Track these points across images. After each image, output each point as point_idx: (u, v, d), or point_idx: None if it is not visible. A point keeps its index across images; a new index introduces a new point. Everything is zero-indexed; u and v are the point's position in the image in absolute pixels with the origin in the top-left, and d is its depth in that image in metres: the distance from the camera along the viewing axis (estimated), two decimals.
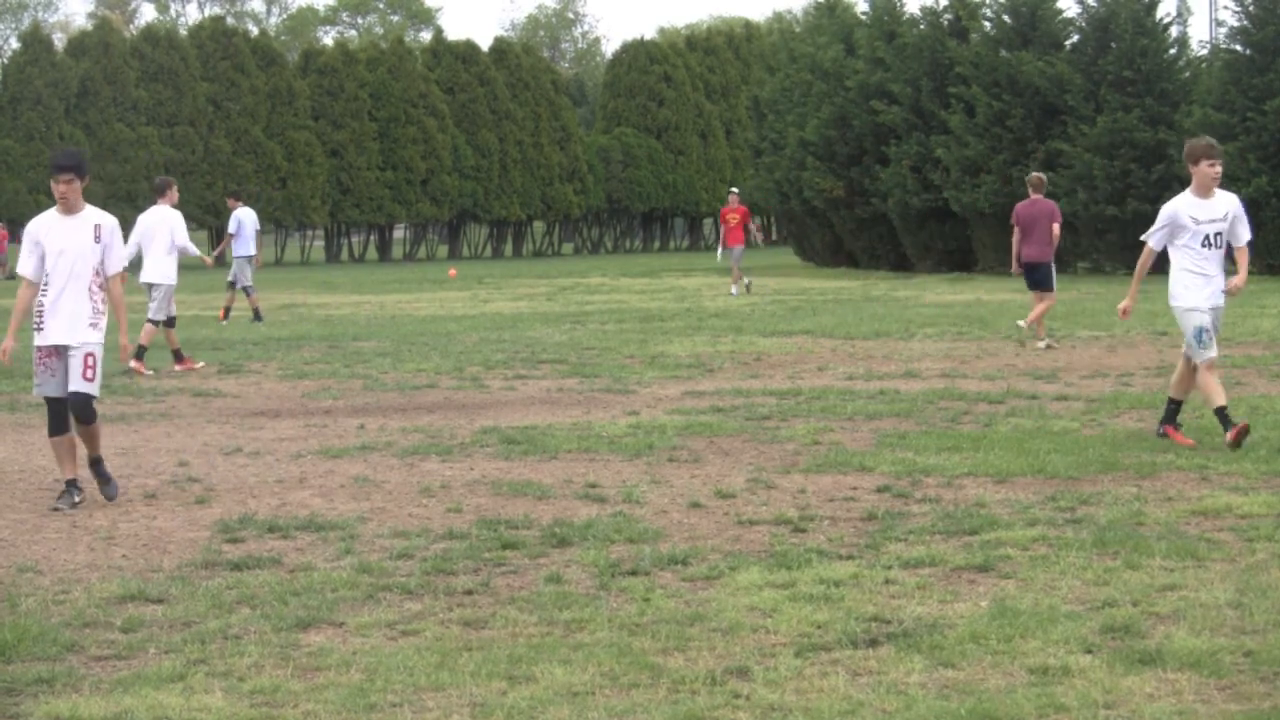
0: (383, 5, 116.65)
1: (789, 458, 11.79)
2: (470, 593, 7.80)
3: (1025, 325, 20.88)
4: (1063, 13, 43.18)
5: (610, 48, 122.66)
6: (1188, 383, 12.13)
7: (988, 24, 44.02)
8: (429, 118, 68.92)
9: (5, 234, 58.48)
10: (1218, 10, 50.22)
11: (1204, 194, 11.88)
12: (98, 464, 10.59)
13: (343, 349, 22.02)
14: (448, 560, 8.43)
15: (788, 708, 5.97)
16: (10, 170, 59.60)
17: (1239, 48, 38.48)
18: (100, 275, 10.48)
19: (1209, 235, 11.80)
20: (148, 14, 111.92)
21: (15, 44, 75.70)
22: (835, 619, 7.12)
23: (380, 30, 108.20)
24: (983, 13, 44.53)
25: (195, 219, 60.28)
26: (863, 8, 50.70)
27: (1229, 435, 11.53)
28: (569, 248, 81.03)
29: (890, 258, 47.19)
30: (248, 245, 28.12)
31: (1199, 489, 10.18)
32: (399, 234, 77.43)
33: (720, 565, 8.24)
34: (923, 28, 45.38)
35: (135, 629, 7.22)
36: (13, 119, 60.29)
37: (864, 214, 46.76)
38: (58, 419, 10.43)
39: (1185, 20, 74.28)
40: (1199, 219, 11.81)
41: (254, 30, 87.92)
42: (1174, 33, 41.98)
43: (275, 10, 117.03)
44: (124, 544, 9.13)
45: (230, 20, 79.09)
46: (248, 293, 27.95)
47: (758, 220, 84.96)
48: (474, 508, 9.99)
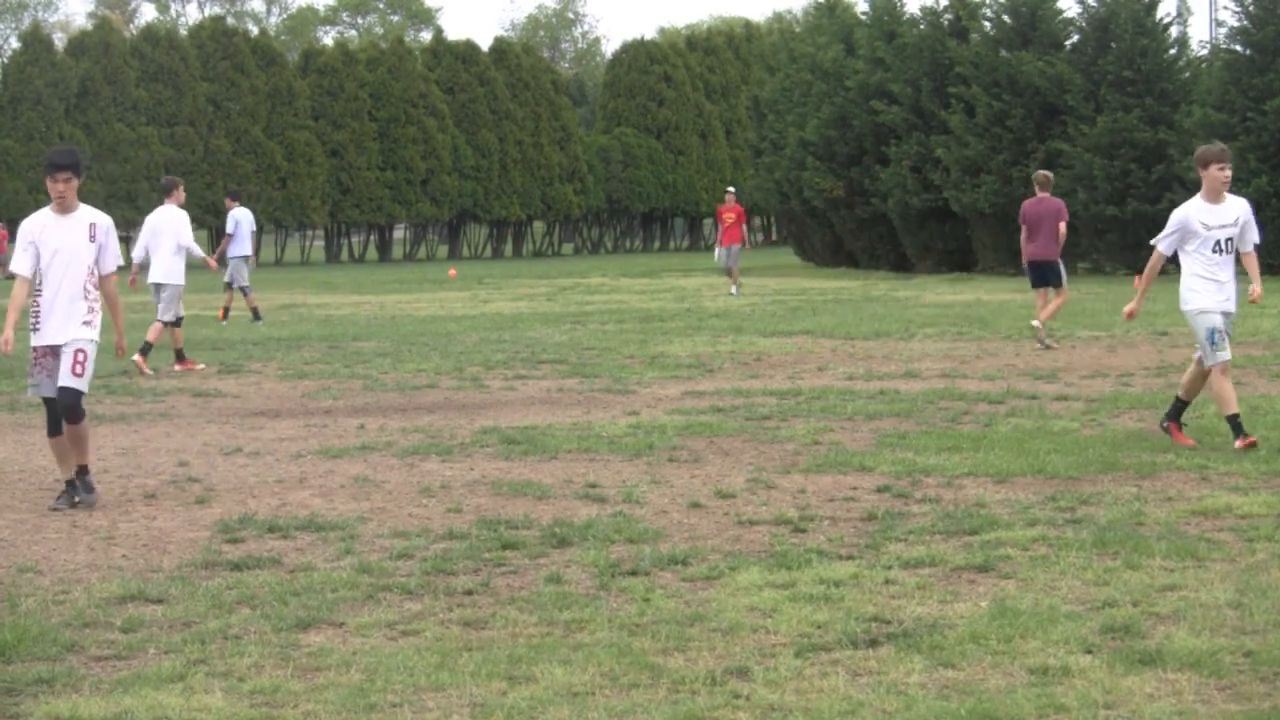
0: (383, 5, 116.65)
1: (789, 458, 11.79)
2: (470, 593, 7.80)
3: (1040, 325, 20.64)
4: (1063, 13, 43.17)
5: (610, 48, 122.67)
6: (1198, 385, 12.05)
7: (988, 24, 44.00)
8: (429, 118, 68.90)
9: (5, 234, 58.48)
10: (1218, 10, 50.22)
11: (1214, 199, 11.82)
12: (83, 473, 10.39)
13: (343, 349, 22.02)
14: (448, 560, 8.43)
15: (788, 708, 5.97)
16: (10, 170, 59.59)
17: (1239, 48, 38.47)
18: (95, 274, 10.47)
19: (1220, 241, 11.73)
20: (148, 14, 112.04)
21: (15, 44, 75.70)
22: (835, 619, 7.12)
23: (380, 30, 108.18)
24: (983, 13, 44.51)
25: (196, 219, 60.01)
26: (863, 8, 50.71)
27: (1239, 443, 11.50)
28: (569, 248, 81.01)
29: (890, 258, 47.17)
30: (244, 245, 28.13)
31: (1199, 489, 10.18)
32: (399, 234, 77.40)
33: (720, 565, 8.24)
34: (923, 28, 45.37)
35: (135, 629, 7.22)
36: (13, 119, 60.29)
37: (864, 214, 46.74)
38: (56, 419, 10.40)
39: (1185, 20, 74.33)
40: (1210, 224, 11.73)
41: (254, 30, 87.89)
42: (1174, 33, 41.98)
43: (275, 10, 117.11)
44: (124, 544, 9.12)
45: (230, 20, 79.07)
46: (245, 293, 27.95)
47: (757, 220, 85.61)
48: (474, 508, 9.99)
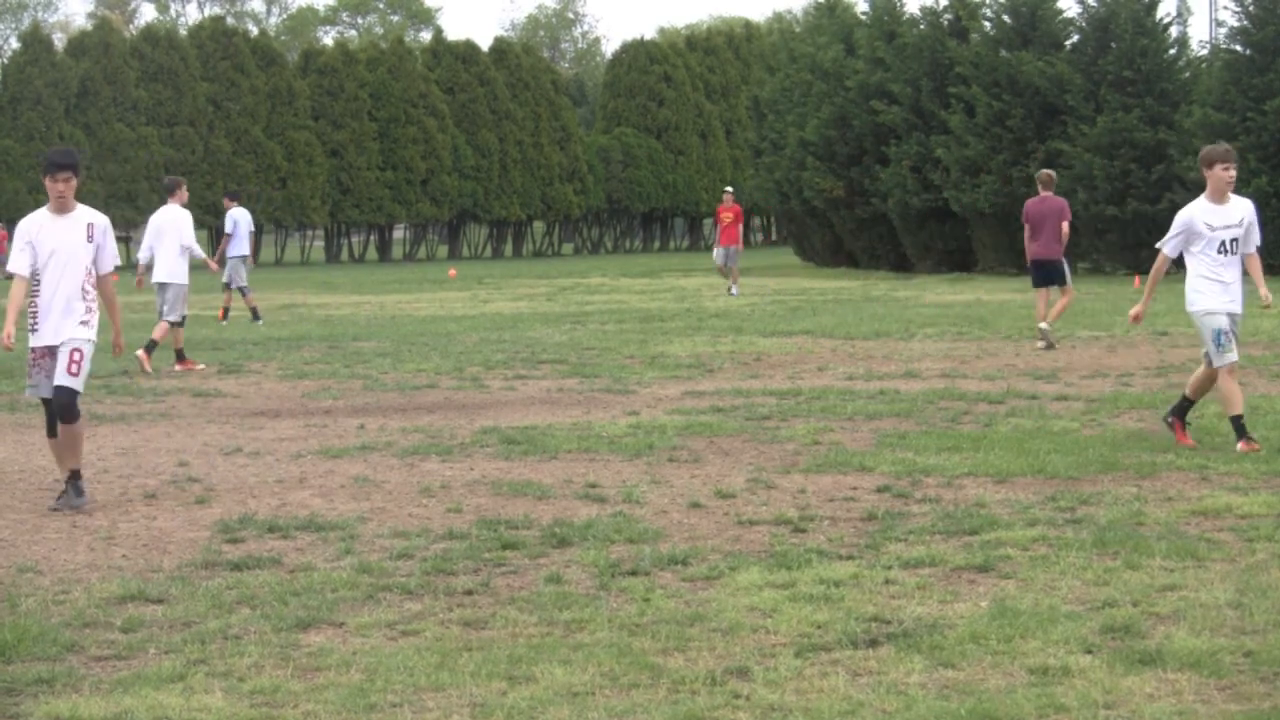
0: (383, 5, 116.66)
1: (789, 458, 11.79)
2: (470, 593, 7.80)
3: (1049, 325, 20.52)
4: (1063, 13, 43.18)
5: (610, 48, 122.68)
6: (1205, 386, 12.00)
7: (988, 24, 44.02)
8: (429, 118, 68.90)
9: (5, 234, 58.51)
10: (1218, 10, 50.18)
11: (1219, 199, 11.78)
12: (75, 478, 10.26)
13: (343, 349, 22.01)
14: (448, 560, 8.43)
15: (788, 708, 5.97)
16: (10, 170, 59.59)
17: (1239, 48, 38.47)
18: (93, 275, 10.44)
19: (1225, 241, 11.68)
20: (148, 14, 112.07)
21: (15, 44, 75.70)
22: (835, 619, 7.12)
23: (380, 30, 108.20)
24: (983, 13, 44.53)
25: (196, 219, 59.07)
26: (863, 8, 50.73)
27: (1240, 445, 11.48)
28: (569, 248, 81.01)
29: (890, 258, 47.18)
30: (242, 245, 28.16)
31: (1199, 489, 10.18)
32: (399, 234, 77.40)
33: (720, 565, 8.24)
34: (923, 28, 45.38)
35: (135, 629, 7.22)
36: (13, 119, 60.29)
37: (864, 214, 46.74)
38: (55, 420, 10.41)
39: (1185, 20, 74.37)
40: (1214, 225, 11.69)
41: (254, 30, 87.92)
42: (1174, 33, 42.01)
43: (275, 10, 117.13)
44: (124, 544, 9.12)
45: (230, 20, 79.09)
46: (243, 293, 27.95)
47: (757, 220, 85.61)
48: (474, 508, 9.99)
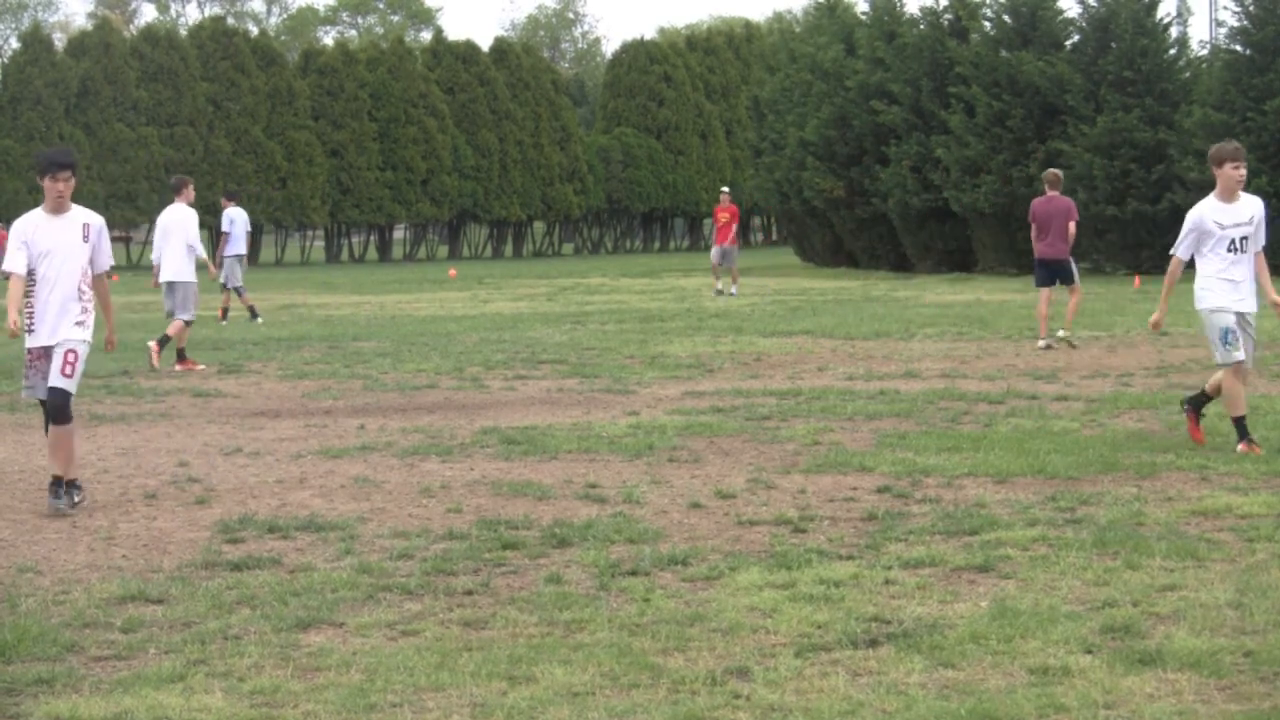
0: (383, 5, 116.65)
1: (789, 458, 11.79)
2: (470, 593, 7.80)
3: (1067, 332, 20.52)
4: (1063, 13, 43.18)
5: (610, 48, 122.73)
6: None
7: (988, 24, 44.02)
8: (429, 118, 68.88)
9: (5, 234, 58.51)
10: (1218, 10, 50.10)
11: (1228, 198, 11.75)
12: (57, 483, 10.14)
13: (343, 349, 22.02)
14: (448, 560, 8.43)
15: (788, 708, 5.97)
16: (10, 170, 59.57)
17: (1239, 48, 38.47)
18: (89, 275, 10.42)
19: (1235, 240, 11.63)
20: (148, 14, 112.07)
21: (15, 44, 75.68)
22: (835, 619, 7.12)
23: (380, 30, 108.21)
24: (983, 13, 44.53)
25: (198, 219, 60.14)
26: (863, 8, 50.74)
27: (1241, 446, 11.47)
28: (569, 248, 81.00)
29: (890, 258, 47.18)
30: (238, 245, 28.18)
31: (1199, 489, 10.18)
32: (399, 234, 77.39)
33: (720, 565, 8.24)
34: (923, 28, 45.38)
35: (135, 629, 7.22)
36: (13, 119, 60.26)
37: (864, 214, 46.75)
38: None
39: (1185, 20, 74.29)
40: (1224, 223, 11.65)
41: (254, 30, 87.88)
42: (1174, 33, 42.00)
43: (275, 10, 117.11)
44: (124, 544, 9.12)
45: (230, 20, 79.05)
46: (238, 293, 27.95)
47: (756, 220, 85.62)
48: (474, 508, 9.99)
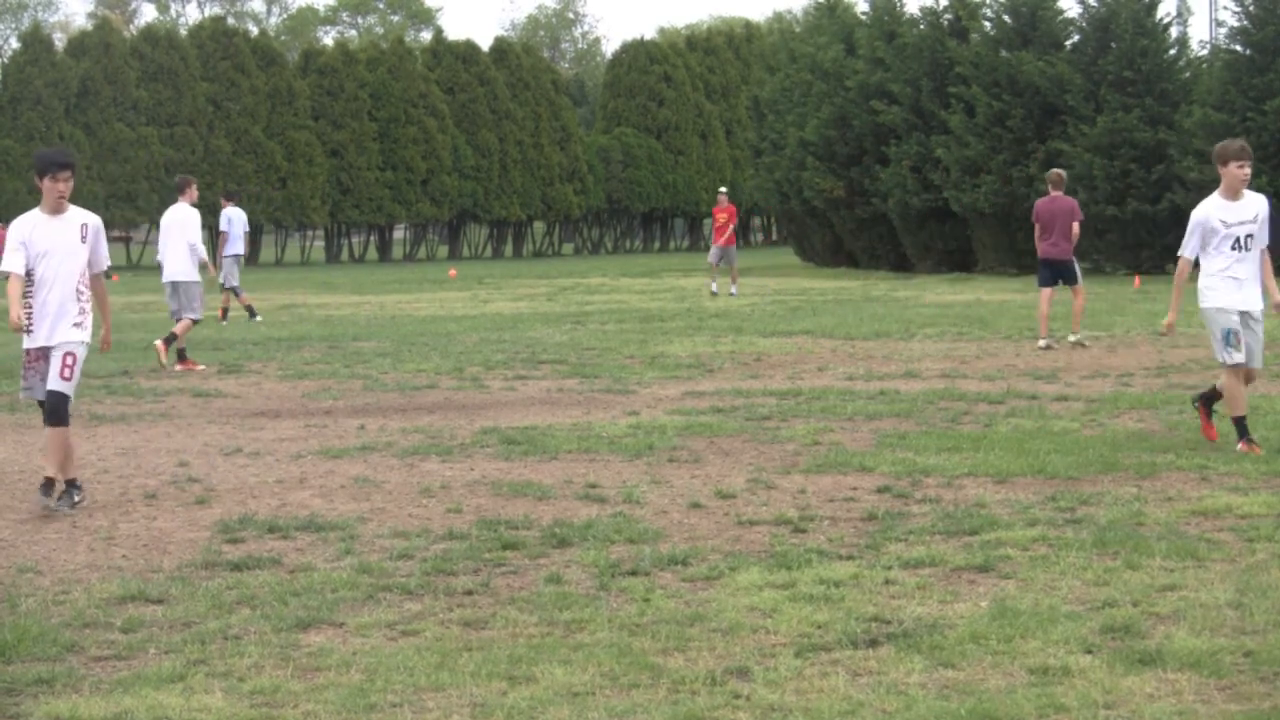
0: (383, 5, 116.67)
1: (789, 458, 11.78)
2: (470, 593, 7.80)
3: (1077, 336, 20.53)
4: (1063, 13, 43.17)
5: (610, 48, 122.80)
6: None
7: (988, 24, 44.01)
8: (429, 118, 68.90)
9: (5, 234, 58.49)
10: (1218, 10, 50.07)
11: (1233, 196, 11.71)
12: (50, 486, 10.12)
13: (343, 349, 22.02)
14: (448, 560, 8.43)
15: (788, 708, 5.97)
16: (10, 170, 59.57)
17: (1239, 48, 38.46)
18: (86, 276, 10.41)
19: (1239, 238, 11.61)
20: (148, 14, 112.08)
21: (15, 44, 75.68)
22: (835, 619, 7.12)
23: (380, 30, 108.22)
24: (983, 13, 44.52)
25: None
26: (863, 8, 50.75)
27: (1240, 445, 11.46)
28: (569, 248, 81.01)
29: (890, 258, 47.18)
30: (236, 244, 28.19)
31: (1199, 489, 10.18)
32: (399, 234, 77.41)
33: (720, 565, 8.24)
34: (923, 28, 45.37)
35: (135, 629, 7.22)
36: (13, 119, 60.27)
37: (864, 214, 46.75)
38: None
39: (1185, 20, 74.31)
40: (1228, 221, 11.63)
41: (254, 30, 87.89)
42: (1174, 33, 41.99)
43: (275, 10, 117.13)
44: (124, 544, 9.12)
45: (230, 20, 79.05)
46: (235, 293, 27.95)
47: (756, 220, 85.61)
48: (474, 508, 9.99)
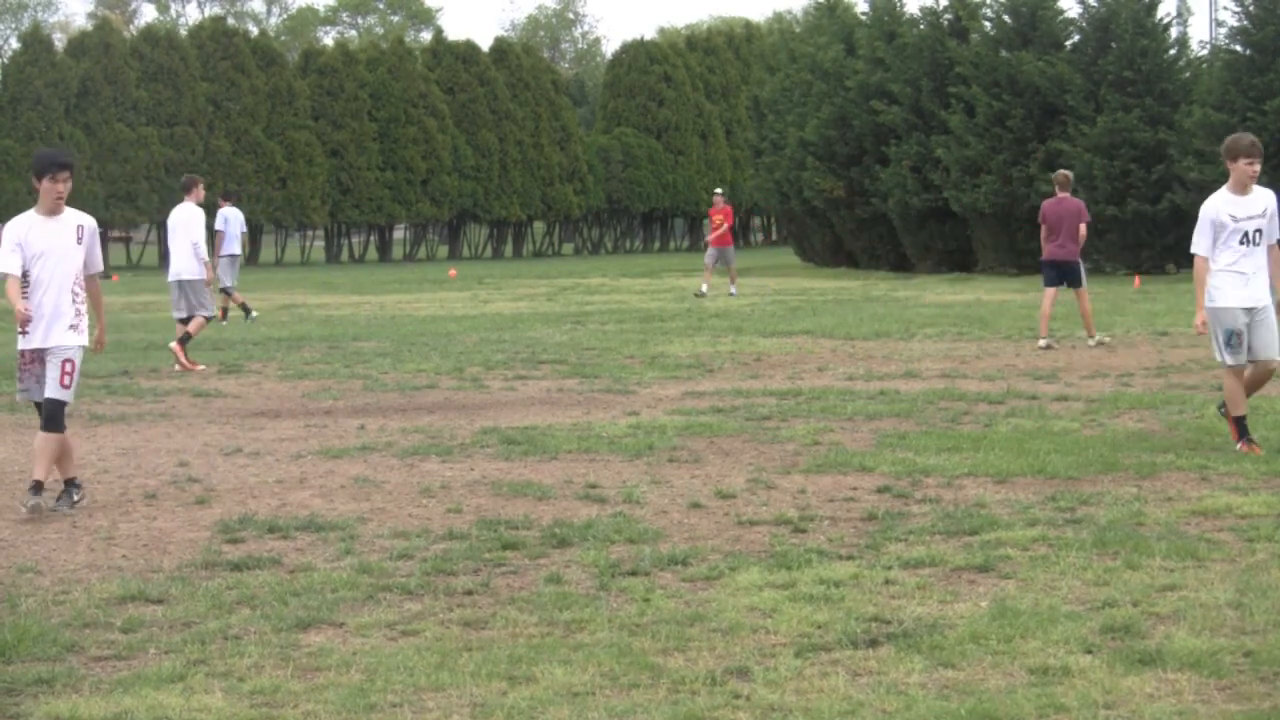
0: (383, 5, 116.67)
1: (789, 458, 11.79)
2: (470, 593, 7.80)
3: (1096, 337, 20.56)
4: (1063, 13, 43.13)
5: (610, 48, 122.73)
6: (1255, 383, 11.84)
7: (988, 24, 43.99)
8: (429, 118, 68.88)
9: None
10: (1218, 10, 50.09)
11: (1241, 191, 11.69)
12: (37, 489, 10.02)
13: (343, 349, 22.02)
14: (448, 560, 8.43)
15: (788, 708, 5.97)
16: (10, 170, 59.55)
17: (1239, 48, 38.45)
18: (81, 277, 10.40)
19: (1248, 232, 11.59)
20: (148, 14, 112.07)
21: (15, 44, 75.66)
22: (835, 619, 7.12)
23: (380, 30, 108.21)
24: (983, 13, 44.49)
25: None
26: (863, 8, 50.72)
27: (1240, 445, 11.46)
28: (569, 248, 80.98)
29: (890, 258, 47.16)
30: (232, 244, 28.20)
31: (1199, 489, 10.18)
32: (399, 234, 77.38)
33: (720, 565, 8.24)
34: (923, 28, 45.36)
35: (135, 629, 7.22)
36: (13, 119, 60.25)
37: (864, 214, 46.73)
38: None
39: (1185, 20, 74.29)
40: (1237, 216, 11.61)
41: (254, 30, 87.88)
42: (1174, 33, 41.96)
43: (275, 10, 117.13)
44: (124, 544, 9.12)
45: (230, 20, 79.05)
46: (228, 293, 27.94)
47: (756, 220, 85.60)
48: (474, 508, 9.99)
